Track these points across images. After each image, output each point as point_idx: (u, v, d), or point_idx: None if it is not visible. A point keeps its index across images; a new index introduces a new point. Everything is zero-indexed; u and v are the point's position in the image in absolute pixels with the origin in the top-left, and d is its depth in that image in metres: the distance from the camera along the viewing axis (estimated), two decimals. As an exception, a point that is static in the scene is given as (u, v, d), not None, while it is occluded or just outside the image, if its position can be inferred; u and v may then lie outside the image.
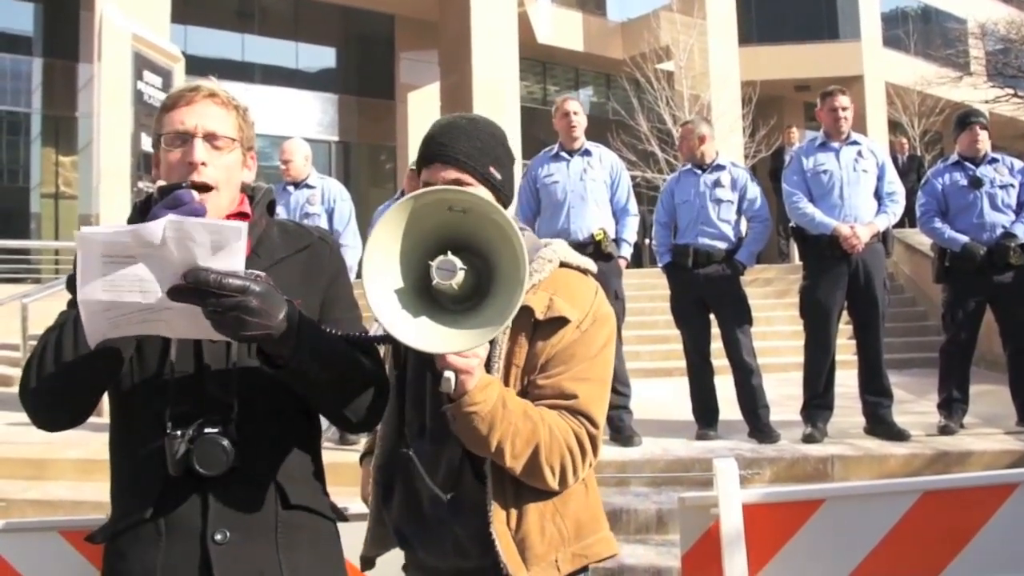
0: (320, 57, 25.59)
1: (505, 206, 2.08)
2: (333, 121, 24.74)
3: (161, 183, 1.95)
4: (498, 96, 19.61)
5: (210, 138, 1.95)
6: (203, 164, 1.93)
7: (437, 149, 2.06)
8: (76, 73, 19.64)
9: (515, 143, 19.24)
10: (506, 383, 1.98)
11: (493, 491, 1.97)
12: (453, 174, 2.03)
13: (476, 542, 1.97)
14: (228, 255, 1.66)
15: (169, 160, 1.96)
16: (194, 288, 1.64)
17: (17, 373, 11.50)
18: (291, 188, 7.16)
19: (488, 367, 1.95)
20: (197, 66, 18.33)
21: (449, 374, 1.78)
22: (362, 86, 25.20)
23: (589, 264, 2.17)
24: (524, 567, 1.95)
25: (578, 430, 1.97)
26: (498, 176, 2.08)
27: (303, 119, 23.37)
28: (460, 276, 1.74)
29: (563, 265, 2.10)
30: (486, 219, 1.74)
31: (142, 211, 1.99)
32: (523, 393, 1.99)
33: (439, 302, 1.82)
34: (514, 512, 1.98)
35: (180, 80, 13.07)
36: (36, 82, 20.64)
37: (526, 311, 1.95)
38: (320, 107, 24.59)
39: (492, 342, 1.93)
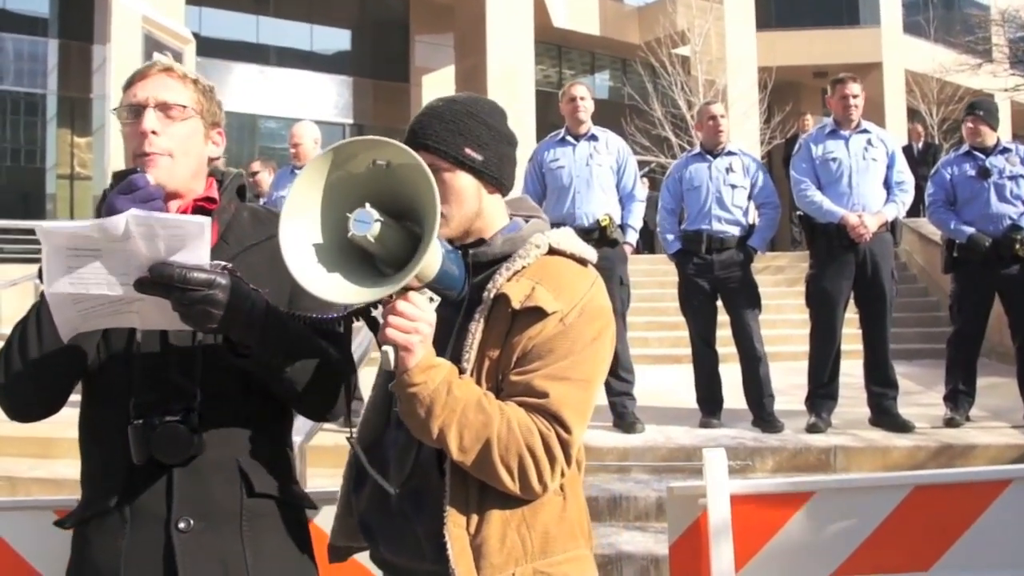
0: (335, 39, 25.57)
1: (498, 189, 2.01)
2: (348, 104, 24.74)
3: (116, 169, 1.96)
4: (513, 80, 19.57)
5: (162, 107, 1.95)
6: (153, 132, 1.92)
7: (410, 135, 1.97)
8: (91, 54, 19.67)
9: (529, 127, 19.20)
10: (478, 375, 1.85)
11: (454, 489, 1.82)
12: (425, 159, 1.83)
13: (432, 543, 1.83)
14: (193, 248, 1.67)
15: (126, 134, 1.98)
16: (158, 281, 1.65)
17: (29, 352, 11.58)
18: (299, 172, 7.14)
19: (458, 357, 1.85)
20: (212, 48, 18.44)
21: (387, 348, 1.71)
22: (377, 69, 25.17)
23: (587, 253, 1.99)
24: None
25: (545, 432, 1.78)
26: (477, 157, 1.95)
27: (318, 102, 23.39)
28: (376, 228, 1.65)
29: (556, 252, 1.93)
30: (411, 173, 1.66)
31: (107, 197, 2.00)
32: (498, 390, 1.85)
33: (382, 271, 1.77)
34: (475, 515, 1.82)
35: (191, 62, 13.13)
36: (52, 63, 20.70)
37: (503, 299, 1.84)
38: (335, 90, 24.59)
39: (463, 331, 1.87)
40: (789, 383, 7.41)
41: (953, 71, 20.14)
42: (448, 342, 1.89)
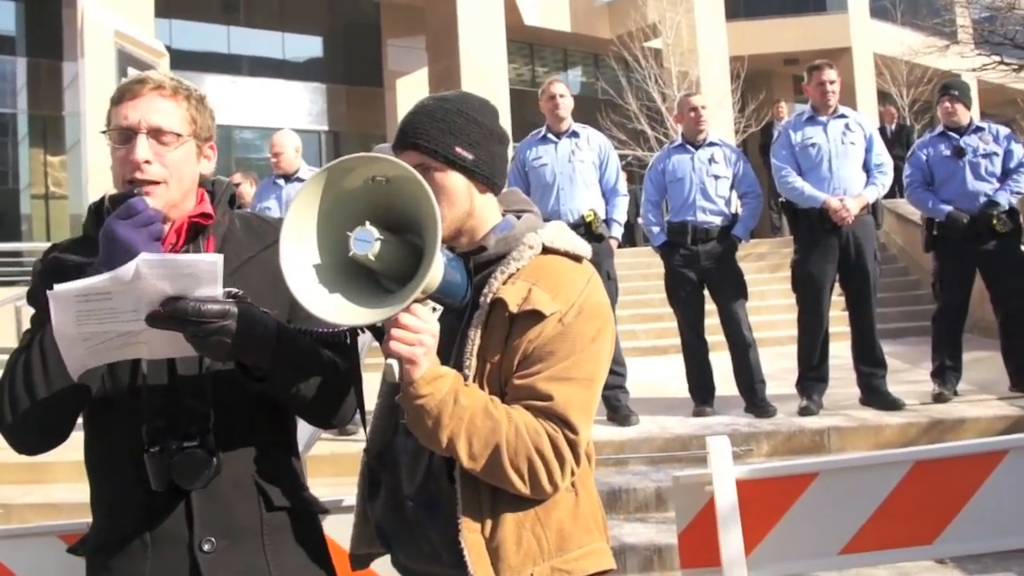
0: (307, 47, 25.46)
1: (489, 188, 1.98)
2: (322, 111, 24.64)
3: (112, 192, 1.94)
4: (487, 80, 19.55)
5: (155, 133, 1.90)
6: (147, 162, 1.88)
7: (400, 134, 1.95)
8: (61, 72, 19.53)
9: (505, 126, 19.11)
10: (480, 382, 1.84)
11: (466, 495, 1.81)
12: (415, 158, 1.89)
13: (448, 549, 1.82)
14: (206, 285, 1.67)
15: (116, 157, 1.92)
16: (172, 316, 1.66)
17: (13, 375, 11.48)
18: (281, 182, 7.13)
19: (460, 364, 1.84)
20: (183, 60, 18.29)
21: (391, 361, 1.70)
22: (350, 74, 25.08)
23: (581, 248, 1.96)
24: None
25: (553, 434, 1.77)
26: (468, 156, 1.92)
27: (292, 110, 23.28)
28: (377, 247, 1.65)
29: (550, 251, 1.91)
30: (409, 186, 1.65)
31: (97, 215, 1.98)
32: (501, 394, 1.83)
33: (386, 286, 1.78)
34: (489, 518, 1.82)
35: (165, 76, 13.01)
36: (21, 82, 20.49)
37: (500, 304, 1.82)
38: (308, 97, 24.49)
39: (462, 337, 1.86)
40: (777, 368, 7.49)
41: (922, 53, 20.28)
42: (452, 350, 1.87)
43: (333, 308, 1.68)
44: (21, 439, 1.87)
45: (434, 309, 1.76)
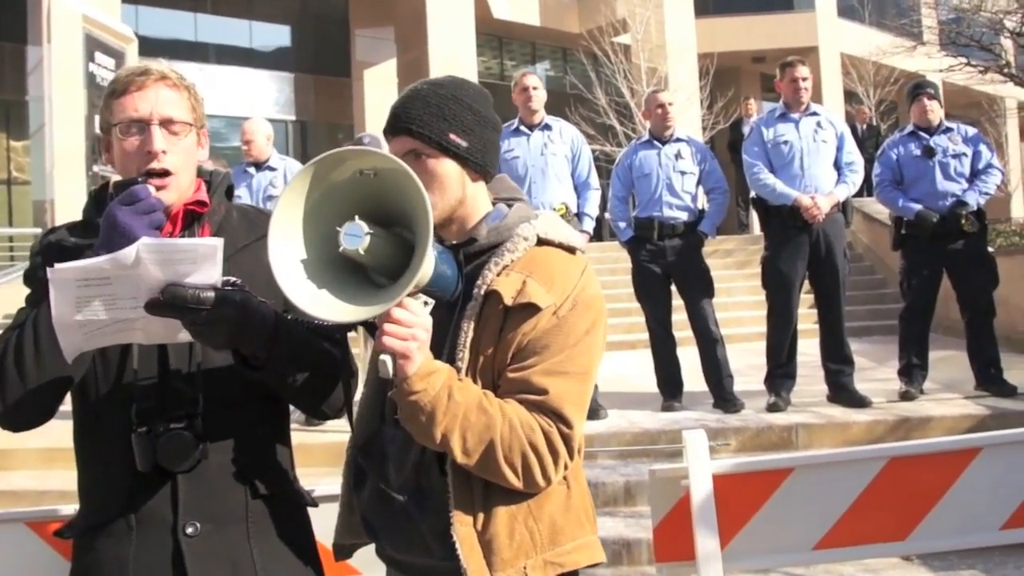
0: (274, 36, 25.30)
1: (482, 176, 1.96)
2: (289, 100, 24.51)
3: (116, 178, 1.94)
4: (455, 72, 18.83)
5: (166, 124, 1.93)
6: (163, 152, 1.90)
7: (392, 119, 1.92)
8: (25, 56, 19.16)
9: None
10: (473, 375, 1.82)
11: (458, 488, 1.80)
12: (408, 144, 1.88)
13: (439, 541, 1.81)
14: (205, 270, 1.66)
15: (125, 148, 1.93)
16: (171, 303, 1.65)
17: (-26, 362, 11.36)
18: (252, 170, 7.08)
19: (452, 356, 1.82)
20: (149, 47, 18.06)
21: (385, 357, 1.68)
22: (317, 64, 24.95)
23: (575, 240, 1.94)
24: (488, 572, 1.78)
25: (547, 429, 1.77)
26: (462, 143, 1.88)
27: (259, 99, 23.13)
28: (366, 242, 1.64)
29: (544, 243, 1.89)
30: (398, 178, 1.63)
31: (97, 201, 2.00)
32: (494, 387, 1.82)
33: (376, 280, 1.77)
34: (481, 512, 1.81)
35: (133, 61, 12.90)
36: (-18, 66, 20.25)
37: (495, 296, 1.81)
38: (276, 86, 24.35)
39: (455, 330, 1.84)
40: (745, 364, 7.54)
41: (889, 53, 20.44)
42: (443, 343, 1.85)
43: (323, 305, 1.66)
44: (7, 416, 1.86)
45: (425, 303, 1.74)
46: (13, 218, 20.12)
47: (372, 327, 1.76)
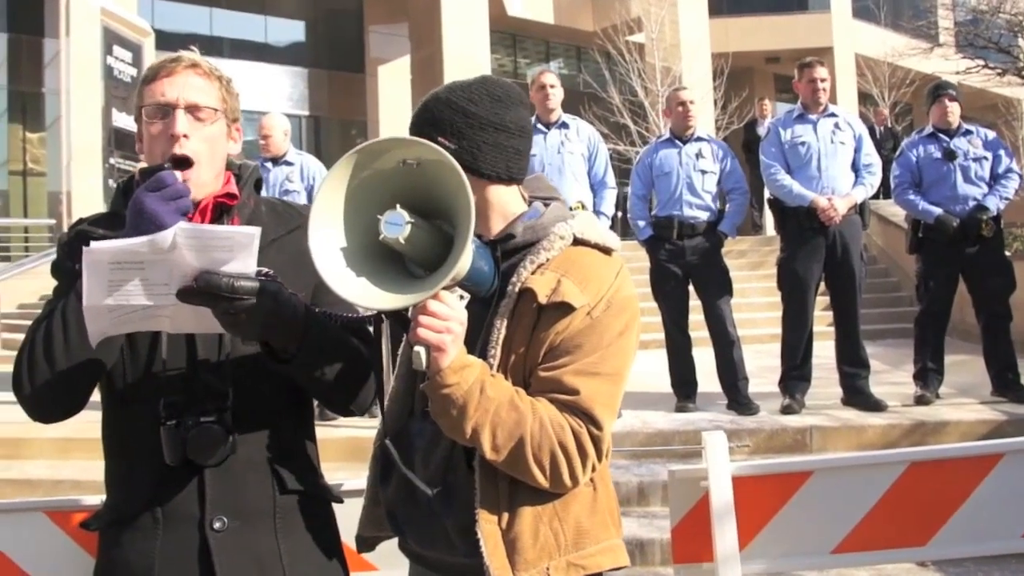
0: (289, 31, 25.38)
1: (483, 178, 1.90)
2: (303, 95, 24.57)
3: (143, 165, 1.93)
4: (468, 69, 19.40)
5: (192, 109, 1.91)
6: (185, 136, 1.89)
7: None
8: (42, 48, 19.32)
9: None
10: (505, 372, 1.81)
11: (484, 486, 1.80)
12: None
13: (463, 538, 1.81)
14: (242, 259, 1.65)
15: (151, 132, 1.92)
16: (205, 291, 1.63)
17: (-10, 351, 11.42)
18: (269, 165, 7.09)
19: (484, 352, 1.81)
20: (165, 41, 18.09)
21: (419, 349, 1.66)
22: (332, 60, 25.02)
23: (611, 241, 1.92)
24: (511, 571, 1.76)
25: (577, 429, 1.76)
26: (450, 146, 1.82)
27: (273, 94, 23.20)
28: (407, 231, 1.63)
29: (580, 243, 1.88)
30: (442, 170, 1.63)
31: (125, 192, 1.98)
32: (525, 384, 1.81)
33: (412, 271, 1.76)
34: (507, 510, 1.80)
35: (150, 55, 12.92)
36: (1, 57, 20.32)
37: (529, 294, 1.79)
38: (290, 81, 24.41)
39: (488, 326, 1.83)
40: (758, 365, 7.50)
41: (905, 55, 20.40)
42: (477, 339, 1.83)
43: (361, 292, 1.65)
44: (38, 408, 1.86)
45: (461, 297, 1.72)
46: (28, 209, 20.23)
47: (404, 321, 1.76)
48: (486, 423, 1.71)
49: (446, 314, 1.67)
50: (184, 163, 1.88)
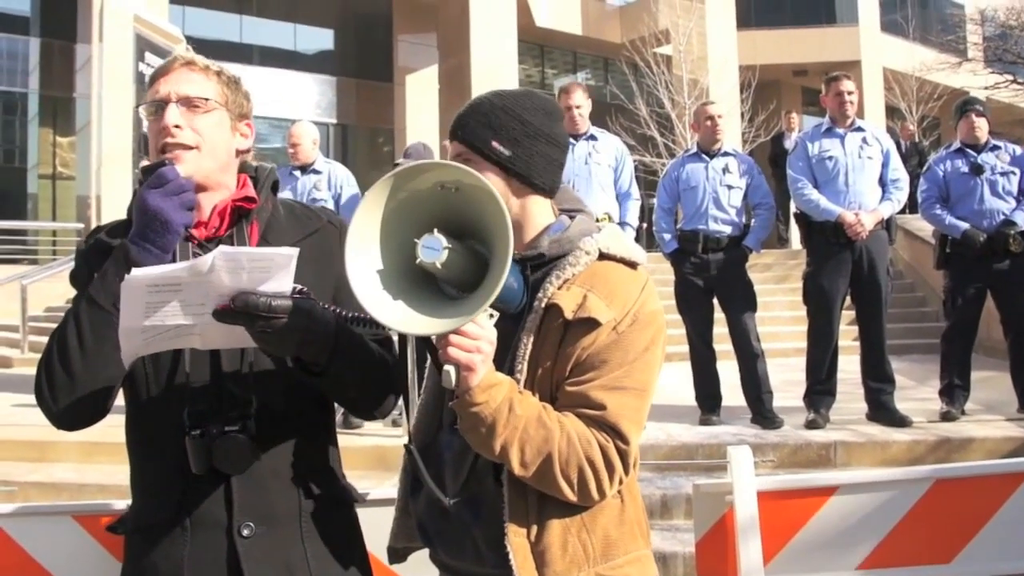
0: (318, 39, 25.51)
1: (530, 188, 1.92)
2: (331, 103, 24.68)
3: (144, 163, 1.95)
4: (496, 79, 19.54)
5: (184, 102, 1.92)
6: (176, 127, 1.89)
7: (452, 124, 1.95)
8: (74, 54, 19.53)
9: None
10: (531, 387, 1.82)
11: (512, 498, 1.80)
12: (457, 148, 1.91)
13: (493, 550, 1.81)
14: (278, 279, 1.67)
15: (152, 130, 1.95)
16: (243, 311, 1.66)
17: (16, 354, 11.53)
18: (297, 173, 7.14)
19: (511, 368, 1.82)
20: (195, 48, 18.15)
21: (449, 368, 1.67)
22: (360, 68, 25.11)
23: (637, 255, 1.92)
24: None
25: (604, 444, 1.77)
26: (504, 152, 1.88)
27: (301, 101, 23.32)
28: (444, 255, 1.64)
29: (605, 257, 1.88)
30: (479, 193, 1.63)
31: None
32: (552, 399, 1.81)
33: (446, 291, 1.77)
34: (535, 523, 1.81)
35: (181, 62, 12.95)
36: (34, 62, 20.53)
37: (555, 309, 1.80)
38: (318, 89, 24.52)
39: (516, 342, 1.83)
40: (782, 379, 7.47)
41: (934, 69, 20.31)
42: (504, 355, 1.83)
43: (401, 317, 1.66)
44: (60, 415, 1.86)
45: (491, 315, 1.74)
46: (56, 212, 20.41)
47: (430, 340, 1.76)
48: (514, 440, 1.72)
49: (476, 333, 1.69)
50: (180, 148, 1.90)
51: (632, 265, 1.91)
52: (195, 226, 1.93)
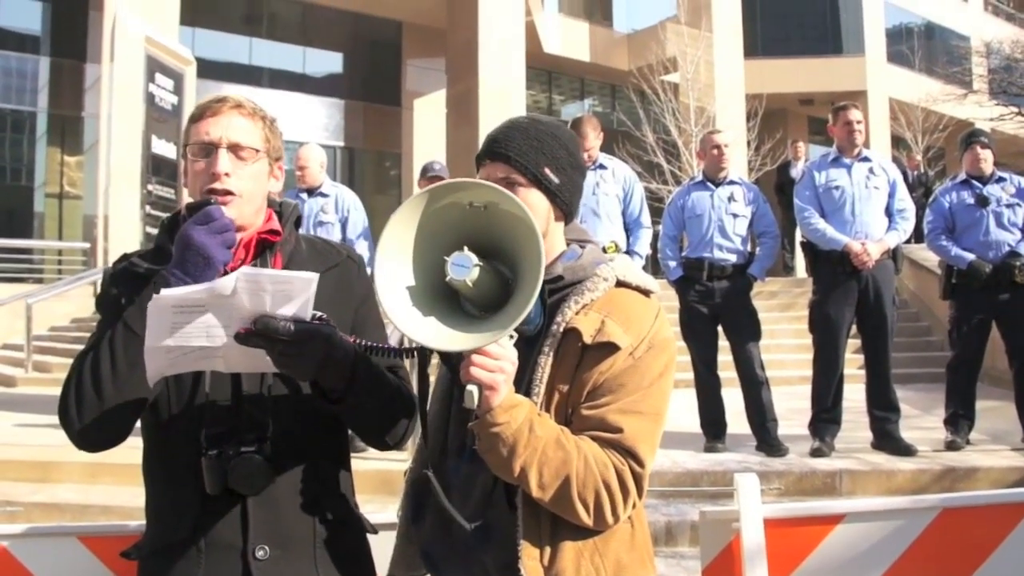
0: (327, 62, 25.61)
1: (566, 217, 1.99)
2: (339, 126, 24.75)
3: (189, 200, 1.98)
4: (504, 105, 19.62)
5: (234, 148, 1.97)
6: (227, 175, 1.94)
7: (490, 145, 1.95)
8: (83, 73, 19.60)
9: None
10: (548, 409, 1.84)
11: (526, 522, 1.82)
12: (502, 171, 1.90)
13: (504, 574, 1.82)
14: (299, 303, 1.70)
15: (195, 170, 1.98)
16: (263, 334, 1.68)
17: (20, 373, 11.51)
18: (304, 196, 7.15)
19: (528, 391, 1.83)
20: (205, 70, 18.37)
21: (472, 388, 1.69)
22: (368, 92, 25.20)
23: (650, 284, 1.97)
24: None
25: (620, 466, 1.79)
26: (554, 180, 1.91)
27: (309, 124, 23.37)
28: (475, 273, 1.66)
29: (621, 284, 1.93)
30: (509, 216, 1.65)
31: (170, 228, 2.03)
32: (568, 422, 1.84)
33: (466, 309, 1.79)
34: (548, 547, 1.82)
35: (191, 83, 13.10)
36: (42, 81, 20.57)
37: (574, 334, 1.83)
38: (326, 112, 24.60)
39: (533, 365, 1.85)
40: (787, 407, 7.47)
41: (939, 100, 20.38)
42: (522, 377, 1.84)
43: (433, 334, 1.68)
44: (84, 437, 1.88)
45: (511, 336, 1.74)
46: (63, 232, 20.42)
47: (449, 359, 1.79)
48: (534, 461, 1.74)
49: (499, 354, 1.70)
50: (224, 193, 1.94)
51: (646, 293, 1.96)
52: None
